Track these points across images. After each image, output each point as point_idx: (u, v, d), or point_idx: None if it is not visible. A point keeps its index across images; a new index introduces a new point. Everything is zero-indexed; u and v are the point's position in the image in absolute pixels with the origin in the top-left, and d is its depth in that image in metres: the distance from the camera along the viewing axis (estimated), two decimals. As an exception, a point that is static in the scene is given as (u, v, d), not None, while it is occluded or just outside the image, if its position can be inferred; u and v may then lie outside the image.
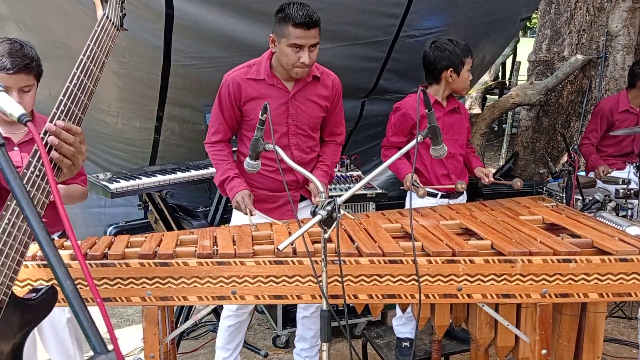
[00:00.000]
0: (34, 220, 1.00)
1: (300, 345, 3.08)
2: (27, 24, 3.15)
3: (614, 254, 1.96)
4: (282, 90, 2.63)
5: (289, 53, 2.49)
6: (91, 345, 0.93)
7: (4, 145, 1.04)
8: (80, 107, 1.45)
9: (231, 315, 2.86)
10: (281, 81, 2.63)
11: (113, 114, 3.65)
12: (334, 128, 2.85)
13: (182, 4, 3.05)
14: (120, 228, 3.61)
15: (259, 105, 2.58)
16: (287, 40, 2.47)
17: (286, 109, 2.64)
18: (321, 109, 2.71)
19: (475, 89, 8.33)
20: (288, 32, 2.45)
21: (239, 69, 2.67)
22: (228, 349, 2.91)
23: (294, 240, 1.67)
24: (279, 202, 2.75)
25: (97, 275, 1.88)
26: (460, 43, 2.95)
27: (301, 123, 2.68)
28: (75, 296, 0.96)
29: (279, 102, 2.62)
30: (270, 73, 2.62)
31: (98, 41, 1.58)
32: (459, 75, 2.94)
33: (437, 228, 2.23)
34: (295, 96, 2.65)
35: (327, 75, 2.74)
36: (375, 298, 1.95)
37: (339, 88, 2.77)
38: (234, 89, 2.62)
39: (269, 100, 2.59)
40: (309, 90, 2.67)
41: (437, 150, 2.12)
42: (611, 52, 5.34)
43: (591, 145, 4.32)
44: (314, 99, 2.68)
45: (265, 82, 2.62)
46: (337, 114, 2.82)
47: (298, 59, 2.49)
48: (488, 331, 2.17)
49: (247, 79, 2.62)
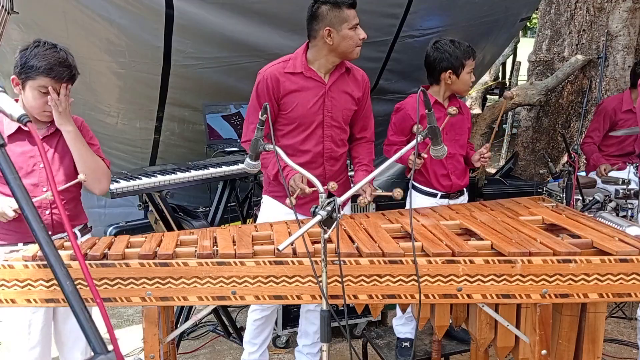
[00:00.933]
0: (33, 220, 1.00)
1: (303, 341, 3.08)
2: (27, 23, 3.15)
3: (614, 255, 1.96)
4: (319, 83, 2.69)
5: (352, 35, 2.60)
6: (91, 345, 0.93)
7: (4, 145, 1.04)
8: None
9: (257, 309, 2.89)
10: (318, 74, 2.69)
11: (113, 114, 3.65)
12: (365, 123, 2.89)
13: (182, 5, 3.06)
14: (121, 228, 3.61)
15: (297, 97, 2.68)
16: (348, 23, 2.57)
17: (323, 101, 2.69)
18: (354, 102, 2.77)
19: (475, 89, 8.34)
20: (347, 16, 2.57)
21: (275, 64, 2.72)
22: (254, 344, 2.94)
23: (294, 240, 1.67)
24: (305, 197, 2.66)
25: (97, 276, 1.88)
26: (463, 44, 2.94)
27: (336, 115, 2.73)
28: (75, 296, 0.96)
29: (317, 94, 2.67)
30: (307, 66, 2.68)
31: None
32: (458, 77, 2.94)
33: (437, 228, 2.23)
34: (331, 88, 2.70)
35: (357, 70, 2.82)
36: (375, 298, 1.95)
37: (367, 83, 2.85)
38: (272, 83, 2.65)
39: (307, 92, 2.68)
40: (343, 82, 2.74)
41: (437, 150, 2.12)
42: (611, 53, 5.34)
43: (593, 144, 4.31)
44: (347, 91, 2.75)
45: (302, 75, 2.67)
46: (367, 108, 2.87)
47: (358, 37, 2.61)
48: (488, 331, 2.17)
49: (285, 73, 2.67)
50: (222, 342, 3.58)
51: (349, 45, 2.62)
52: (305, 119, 2.70)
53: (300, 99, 2.67)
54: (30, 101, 2.22)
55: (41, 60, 2.18)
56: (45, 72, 2.18)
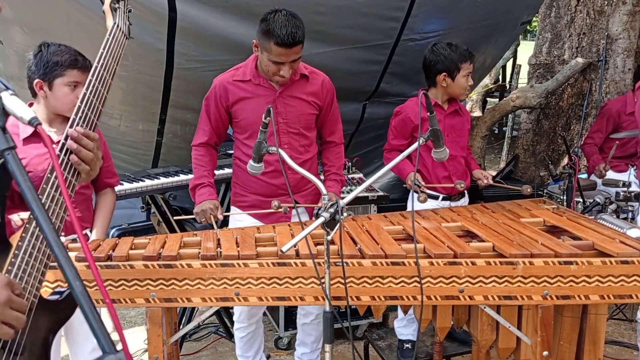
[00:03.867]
0: (43, 222, 1.02)
1: (301, 349, 3.09)
2: (31, 27, 3.16)
3: (615, 256, 1.97)
4: (268, 89, 2.66)
5: (269, 65, 2.52)
6: (100, 344, 0.94)
7: (15, 148, 1.06)
8: (95, 113, 1.52)
9: (241, 327, 2.89)
10: (267, 81, 2.65)
11: (116, 116, 3.66)
12: (332, 127, 2.86)
13: (185, 8, 3.07)
14: (123, 230, 3.62)
15: (246, 105, 2.65)
16: (268, 54, 2.49)
17: (274, 108, 2.63)
18: (312, 107, 2.72)
19: (475, 92, 8.35)
20: (270, 48, 2.46)
21: (226, 72, 2.71)
22: (247, 357, 2.96)
23: (297, 242, 1.69)
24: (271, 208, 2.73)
25: (102, 277, 1.88)
26: (460, 48, 2.95)
27: (291, 121, 2.69)
28: (85, 297, 0.97)
29: (267, 101, 2.63)
30: (255, 74, 2.65)
31: (110, 49, 1.66)
32: (453, 80, 2.95)
33: (439, 230, 2.24)
34: (282, 94, 2.66)
35: (317, 75, 2.76)
36: (377, 300, 1.96)
37: (330, 87, 2.78)
38: (220, 92, 2.66)
39: (256, 99, 2.64)
40: (297, 88, 2.69)
41: (439, 153, 2.14)
42: (611, 56, 5.35)
43: (594, 145, 4.31)
44: (302, 97, 2.69)
45: (251, 83, 2.65)
46: (333, 112, 2.84)
47: (278, 70, 2.52)
48: (489, 333, 2.18)
49: (234, 81, 2.66)
50: (224, 343, 3.59)
51: (266, 71, 2.58)
52: (257, 127, 2.62)
53: (250, 106, 2.64)
54: (62, 98, 2.25)
55: (63, 55, 2.24)
56: (72, 64, 2.24)
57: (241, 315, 2.87)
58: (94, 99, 1.52)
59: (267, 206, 2.71)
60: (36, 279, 1.30)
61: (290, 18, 2.44)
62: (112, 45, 1.67)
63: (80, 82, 2.26)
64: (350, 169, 3.75)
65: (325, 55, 3.48)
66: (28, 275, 1.28)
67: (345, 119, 4.14)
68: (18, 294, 1.13)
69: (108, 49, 1.65)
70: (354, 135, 4.38)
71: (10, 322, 1.11)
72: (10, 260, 1.27)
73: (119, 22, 1.77)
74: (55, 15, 3.09)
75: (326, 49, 3.46)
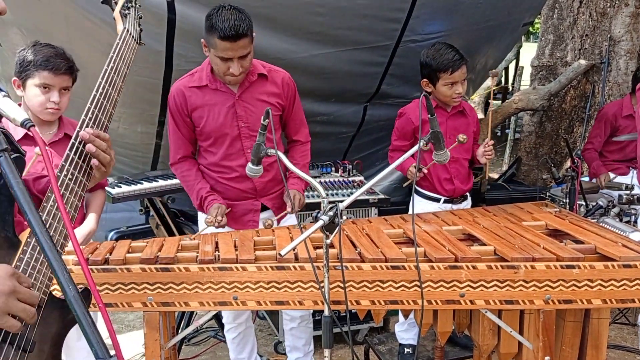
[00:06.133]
0: (36, 225, 1.00)
1: (294, 355, 3.06)
2: (29, 29, 3.15)
3: (618, 260, 1.95)
4: (226, 94, 2.56)
5: (218, 62, 2.43)
6: (93, 350, 0.93)
7: (7, 150, 1.04)
8: (105, 115, 1.52)
9: (230, 329, 2.87)
10: (224, 84, 2.56)
11: (114, 118, 3.64)
12: (296, 126, 2.78)
13: (185, 9, 3.05)
14: (122, 233, 3.61)
15: (205, 112, 2.56)
16: (215, 51, 2.41)
17: (234, 112, 2.57)
18: (274, 108, 2.59)
19: (477, 94, 8.33)
20: (215, 44, 2.38)
21: (182, 78, 2.62)
22: (241, 359, 2.94)
23: (296, 245, 1.66)
24: (238, 211, 2.68)
25: (99, 281, 1.88)
26: (448, 55, 2.82)
27: (253, 124, 2.57)
28: (77, 301, 0.96)
29: (226, 106, 2.56)
30: (212, 78, 2.56)
31: (120, 53, 1.67)
32: (435, 88, 2.93)
33: (440, 234, 2.22)
34: (241, 97, 2.57)
35: (277, 73, 2.66)
36: (377, 304, 1.94)
37: (291, 84, 2.69)
38: (179, 99, 2.57)
39: (214, 105, 2.55)
40: (256, 89, 2.59)
41: (440, 155, 2.11)
42: (614, 57, 5.34)
43: (594, 150, 4.30)
44: (263, 98, 2.59)
45: (208, 88, 2.56)
46: (296, 111, 2.75)
47: (228, 68, 2.43)
48: (491, 337, 2.16)
49: (190, 87, 2.57)
50: (223, 348, 3.56)
51: (216, 70, 2.49)
52: (219, 133, 2.57)
53: (209, 112, 2.55)
54: (32, 99, 2.23)
55: (37, 55, 2.20)
56: (43, 64, 2.19)
57: (229, 317, 2.86)
58: (104, 100, 1.53)
59: (235, 209, 2.67)
60: (45, 276, 1.29)
61: (234, 12, 2.37)
62: (123, 49, 1.69)
63: (52, 85, 2.22)
64: (351, 171, 3.73)
65: (326, 56, 3.46)
66: (37, 272, 1.28)
67: (346, 121, 4.14)
68: (27, 286, 1.10)
69: (118, 52, 1.67)
70: (355, 138, 4.37)
71: (17, 314, 1.08)
72: (19, 256, 1.27)
73: (129, 27, 1.78)
74: (54, 18, 3.08)
75: (326, 50, 3.44)
